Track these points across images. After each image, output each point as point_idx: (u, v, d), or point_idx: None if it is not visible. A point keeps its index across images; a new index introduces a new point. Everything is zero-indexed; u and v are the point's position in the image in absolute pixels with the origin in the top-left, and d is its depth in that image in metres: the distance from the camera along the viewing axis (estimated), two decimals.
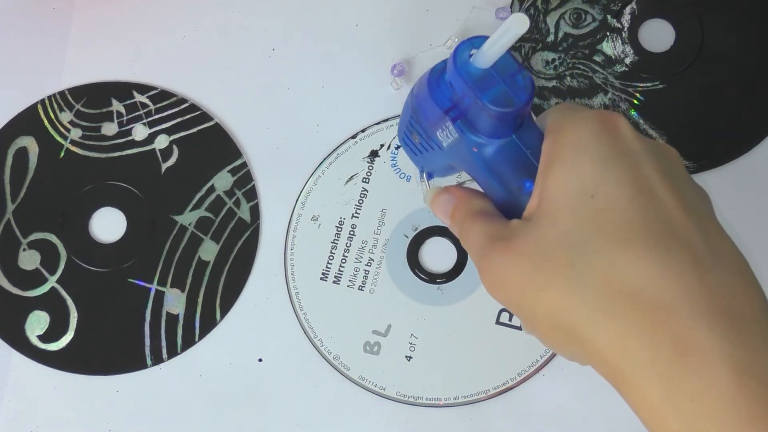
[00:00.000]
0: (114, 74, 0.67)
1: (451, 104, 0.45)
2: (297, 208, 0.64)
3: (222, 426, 0.61)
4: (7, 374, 0.62)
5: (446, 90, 0.45)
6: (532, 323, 0.43)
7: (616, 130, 0.42)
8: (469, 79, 0.43)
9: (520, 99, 0.43)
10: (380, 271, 0.63)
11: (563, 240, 0.40)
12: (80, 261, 0.63)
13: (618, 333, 0.39)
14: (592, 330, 0.39)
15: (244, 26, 0.68)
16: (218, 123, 0.66)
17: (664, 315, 0.38)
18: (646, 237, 0.39)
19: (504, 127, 0.45)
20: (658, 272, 0.38)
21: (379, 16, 0.68)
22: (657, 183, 0.41)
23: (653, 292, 0.38)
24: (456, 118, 0.45)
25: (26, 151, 0.65)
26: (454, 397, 0.60)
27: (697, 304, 0.38)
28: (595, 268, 0.39)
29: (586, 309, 0.39)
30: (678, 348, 0.37)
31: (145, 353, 0.62)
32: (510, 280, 0.42)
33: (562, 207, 0.41)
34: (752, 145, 0.65)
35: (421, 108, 0.47)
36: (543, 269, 0.41)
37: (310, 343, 0.62)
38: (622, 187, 0.40)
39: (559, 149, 0.42)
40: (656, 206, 0.40)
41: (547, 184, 0.42)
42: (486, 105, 0.43)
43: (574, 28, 0.67)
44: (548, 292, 0.40)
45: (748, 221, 0.64)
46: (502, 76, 0.43)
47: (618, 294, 0.39)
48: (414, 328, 0.62)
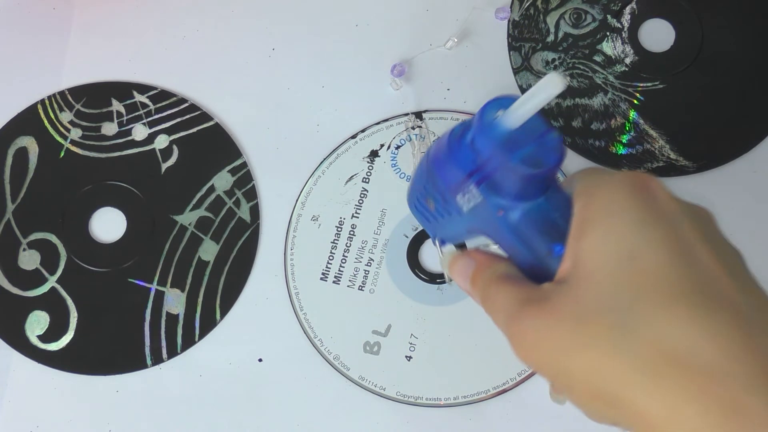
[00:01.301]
0: (114, 74, 0.67)
1: (475, 167, 0.44)
2: (297, 208, 0.64)
3: (222, 426, 0.61)
4: (7, 374, 0.62)
5: (468, 152, 0.44)
6: (570, 389, 0.41)
7: (651, 192, 0.41)
8: (496, 139, 0.42)
9: (551, 160, 0.42)
10: (380, 271, 0.63)
11: (604, 303, 0.39)
12: (80, 261, 0.63)
13: (666, 398, 0.37)
14: (638, 395, 0.38)
15: (244, 26, 0.68)
16: (218, 123, 0.66)
17: (714, 380, 0.37)
18: (691, 299, 0.38)
19: (532, 189, 0.43)
20: (705, 336, 0.37)
21: (379, 16, 0.68)
22: (696, 244, 0.40)
23: (701, 357, 0.37)
24: (481, 180, 0.44)
25: (26, 151, 0.65)
26: (454, 397, 0.60)
27: (746, 369, 0.37)
28: (639, 331, 0.38)
29: (632, 373, 0.38)
30: (728, 414, 0.36)
31: (145, 353, 0.62)
32: (545, 344, 0.40)
33: (600, 269, 0.40)
34: (752, 145, 0.65)
35: (440, 171, 0.46)
36: (583, 332, 0.39)
37: (310, 343, 0.62)
38: (662, 249, 0.39)
39: (593, 212, 0.41)
40: (698, 268, 0.39)
41: (582, 248, 0.41)
42: (516, 166, 0.41)
43: (574, 28, 0.67)
44: (589, 355, 0.39)
45: (748, 221, 0.64)
46: (531, 136, 0.42)
47: (665, 358, 0.37)
48: (414, 328, 0.62)
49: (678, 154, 0.65)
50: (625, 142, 0.65)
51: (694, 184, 0.65)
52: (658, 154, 0.65)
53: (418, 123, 0.65)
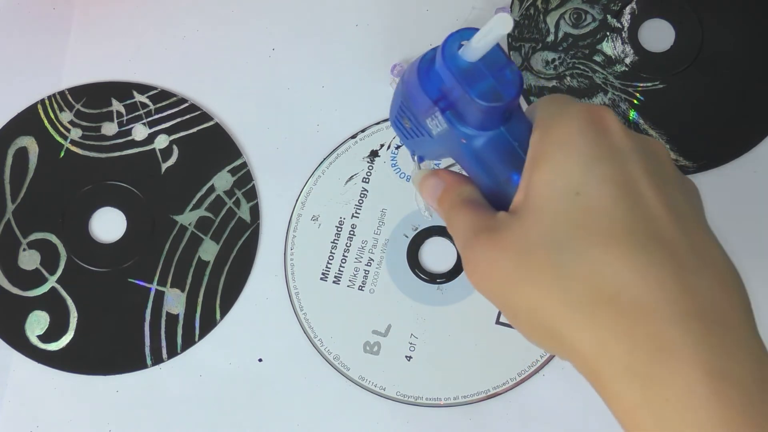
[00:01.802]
0: (114, 74, 0.67)
1: (440, 94, 0.45)
2: (297, 208, 0.64)
3: (222, 426, 0.61)
4: (7, 374, 0.62)
5: (436, 80, 0.45)
6: (514, 318, 0.43)
7: (605, 126, 0.42)
8: (457, 72, 0.43)
9: (508, 94, 0.43)
10: (380, 271, 0.63)
11: (546, 238, 0.40)
12: (80, 261, 0.63)
13: (597, 334, 0.39)
14: (572, 330, 0.39)
15: (244, 26, 0.68)
16: (218, 123, 0.66)
17: (643, 317, 0.38)
18: (629, 239, 0.39)
19: (492, 119, 0.45)
20: (638, 274, 0.38)
21: (379, 16, 0.68)
22: (643, 183, 0.40)
23: (633, 295, 0.38)
24: (445, 108, 0.45)
25: (26, 151, 0.65)
26: (454, 397, 0.60)
27: (676, 308, 0.38)
28: (576, 268, 0.39)
29: (566, 309, 0.39)
30: (655, 351, 0.37)
31: (145, 353, 0.62)
32: (493, 274, 0.42)
33: (546, 204, 0.41)
34: (752, 145, 0.65)
35: (411, 95, 0.47)
36: (525, 266, 0.41)
37: (310, 343, 0.62)
38: (608, 187, 0.40)
39: (547, 145, 0.42)
40: (641, 207, 0.40)
41: (533, 180, 0.42)
42: (474, 99, 0.43)
43: (574, 28, 0.67)
44: (529, 289, 0.40)
45: (748, 221, 0.64)
46: (491, 69, 0.43)
47: (598, 295, 0.39)
48: (414, 328, 0.62)
49: (678, 154, 0.65)
50: None
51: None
52: None
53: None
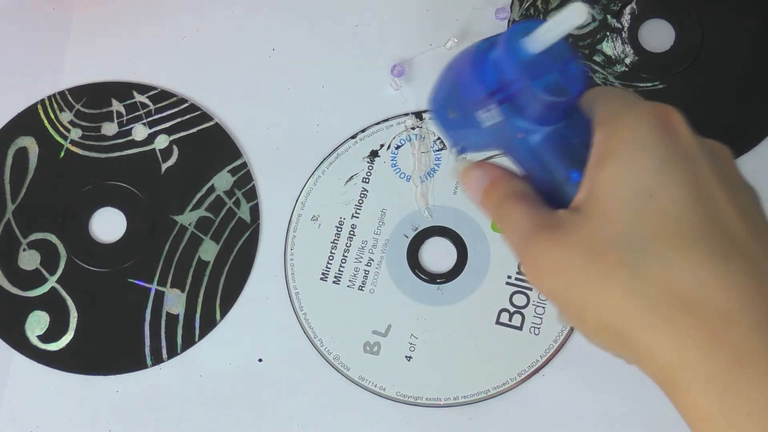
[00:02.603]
0: (114, 74, 0.67)
1: (498, 86, 0.43)
2: (297, 208, 0.64)
3: (222, 426, 0.61)
4: (7, 374, 0.62)
5: (493, 71, 0.43)
6: (578, 319, 0.41)
7: (674, 128, 0.41)
8: (520, 63, 0.41)
9: (574, 89, 0.41)
10: (380, 271, 0.63)
11: (621, 238, 0.39)
12: (80, 261, 0.63)
13: (676, 341, 0.37)
14: (648, 334, 0.38)
15: (244, 26, 0.68)
16: (218, 123, 0.66)
17: (725, 326, 0.37)
18: (708, 245, 0.38)
19: (554, 115, 0.43)
20: (719, 282, 0.37)
21: (379, 16, 0.68)
22: (715, 188, 0.39)
23: (714, 302, 0.37)
24: (503, 101, 0.43)
25: (26, 151, 0.65)
26: (454, 397, 0.60)
27: (758, 317, 0.37)
28: (653, 271, 0.38)
29: (643, 312, 0.38)
30: (737, 361, 0.37)
31: (145, 353, 0.62)
32: (558, 272, 0.40)
33: (618, 204, 0.40)
34: (752, 145, 0.65)
35: (462, 85, 0.45)
36: (596, 265, 0.39)
37: (310, 343, 0.62)
38: (682, 190, 0.39)
39: (615, 144, 0.41)
40: (716, 213, 0.39)
41: (600, 179, 0.40)
42: (537, 93, 0.41)
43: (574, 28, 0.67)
44: (601, 289, 0.39)
45: None
46: (556, 63, 0.41)
47: (677, 300, 0.38)
48: (414, 328, 0.62)
49: None
50: None
51: None
52: None
53: (417, 123, 0.65)
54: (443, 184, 0.64)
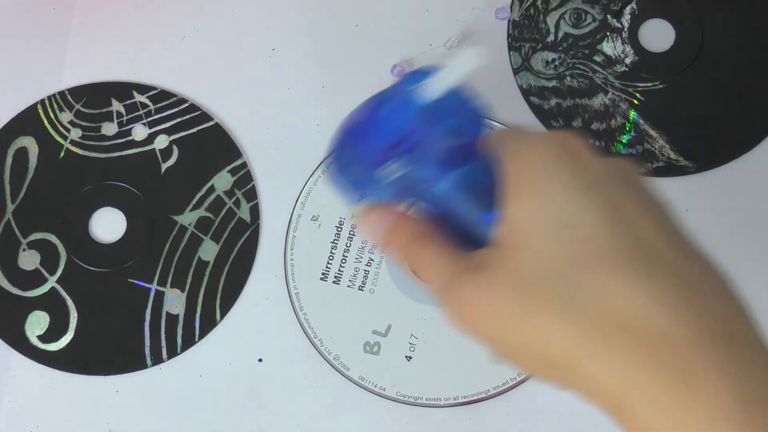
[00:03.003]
0: (114, 74, 0.67)
1: (396, 139, 0.43)
2: (297, 208, 0.64)
3: (222, 426, 0.61)
4: (7, 374, 0.62)
5: (388, 124, 0.43)
6: (518, 357, 0.41)
7: (578, 154, 0.41)
8: (418, 112, 0.42)
9: (472, 130, 0.42)
10: (380, 271, 0.63)
11: (547, 272, 0.39)
12: (80, 261, 0.63)
13: (617, 367, 0.38)
14: (590, 364, 0.38)
15: (244, 26, 0.68)
16: (218, 123, 0.66)
17: (663, 345, 0.37)
18: (634, 265, 0.38)
19: (456, 159, 0.43)
20: (651, 301, 0.37)
21: (379, 16, 0.68)
22: (629, 207, 0.40)
23: (649, 323, 0.37)
24: (404, 152, 0.43)
25: (26, 151, 0.65)
26: (454, 397, 0.60)
27: (692, 333, 0.37)
28: (586, 300, 0.38)
29: (583, 342, 0.38)
30: (679, 379, 0.37)
31: (145, 353, 0.62)
32: (489, 315, 0.40)
33: (536, 238, 0.40)
34: (752, 145, 0.65)
35: (358, 145, 0.45)
36: (529, 302, 0.39)
37: (310, 343, 0.62)
38: (599, 215, 0.39)
39: (524, 179, 0.41)
40: (636, 232, 0.39)
41: (516, 215, 0.41)
42: (439, 138, 0.42)
43: (574, 28, 0.67)
44: (538, 325, 0.39)
45: (748, 221, 0.64)
46: (452, 107, 0.42)
47: (614, 325, 0.38)
48: (414, 328, 0.62)
49: (678, 154, 0.65)
50: (625, 142, 0.65)
51: (694, 184, 0.65)
52: (658, 154, 0.65)
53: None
54: None
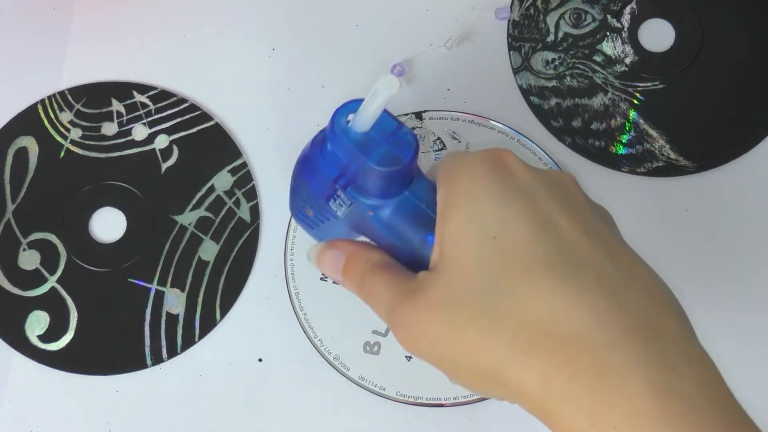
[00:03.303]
0: (114, 74, 0.67)
1: (339, 172, 0.45)
2: None
3: (222, 426, 0.61)
4: (7, 374, 0.62)
5: (331, 158, 0.45)
6: (456, 373, 0.42)
7: (507, 168, 0.42)
8: (351, 144, 0.43)
9: (406, 155, 0.43)
10: None
11: (472, 286, 0.40)
12: (80, 261, 0.63)
13: (540, 370, 0.39)
14: (515, 371, 0.39)
15: (244, 26, 0.68)
16: (218, 123, 0.66)
17: (581, 347, 0.38)
18: (553, 270, 0.39)
19: (395, 185, 0.45)
20: (569, 304, 0.38)
21: (379, 16, 0.68)
22: (556, 214, 0.41)
23: (567, 325, 0.38)
24: (346, 185, 0.45)
25: (26, 151, 0.65)
26: (454, 397, 0.60)
27: (612, 330, 0.38)
28: (508, 309, 0.39)
29: (505, 350, 0.39)
30: (597, 378, 0.37)
31: (145, 353, 0.62)
32: (425, 334, 0.42)
33: (465, 253, 0.41)
34: (752, 145, 0.65)
35: (308, 181, 0.47)
36: (457, 318, 0.40)
37: (310, 343, 0.62)
38: (522, 224, 0.40)
39: (454, 196, 0.42)
40: (559, 238, 0.40)
41: (446, 234, 0.42)
42: (372, 168, 0.43)
43: (574, 28, 0.67)
44: (465, 340, 0.40)
45: (748, 221, 0.64)
46: (384, 135, 0.43)
47: (534, 331, 0.39)
48: None
49: (678, 154, 0.65)
50: (625, 142, 0.65)
51: (694, 184, 0.65)
52: (658, 154, 0.65)
53: (417, 123, 0.65)
54: None
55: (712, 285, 0.62)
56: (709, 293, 0.62)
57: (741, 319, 0.62)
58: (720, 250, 0.63)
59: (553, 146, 0.65)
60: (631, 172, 0.64)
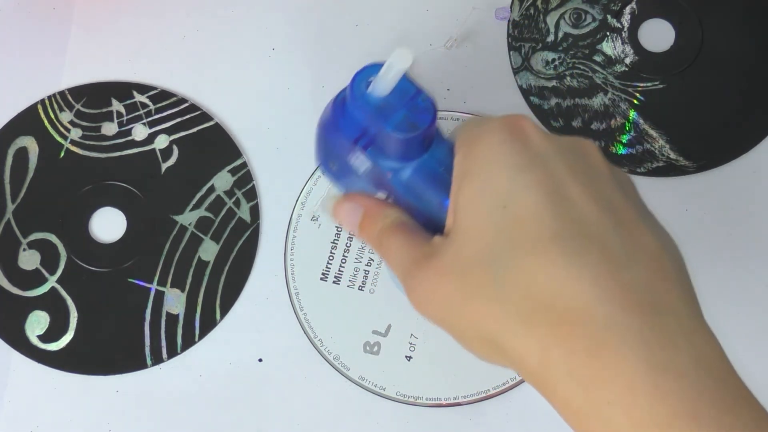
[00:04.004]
0: (114, 74, 0.67)
1: (359, 133, 0.45)
2: (297, 208, 0.64)
3: (222, 426, 0.61)
4: (7, 374, 0.62)
5: (351, 120, 0.45)
6: (463, 339, 0.43)
7: (524, 134, 0.42)
8: (369, 108, 0.44)
9: (423, 121, 0.43)
10: (380, 271, 0.62)
11: (481, 254, 0.40)
12: (80, 261, 0.63)
13: (538, 342, 0.39)
14: (514, 341, 0.39)
15: (244, 26, 0.68)
16: (218, 123, 0.66)
17: (580, 319, 0.38)
18: (558, 242, 0.39)
19: (414, 149, 0.45)
20: (571, 277, 0.38)
21: (379, 16, 0.68)
22: (569, 183, 0.40)
23: (568, 299, 0.38)
24: (366, 146, 0.45)
25: (26, 151, 0.65)
26: (454, 397, 0.60)
27: (612, 305, 0.38)
28: (512, 279, 0.39)
29: (507, 320, 0.39)
30: (594, 353, 0.37)
31: (145, 353, 0.62)
32: (437, 299, 0.42)
33: (476, 221, 0.41)
34: (752, 145, 0.65)
35: (331, 138, 0.47)
36: (465, 285, 0.41)
37: (310, 343, 0.62)
38: (533, 194, 0.40)
39: (469, 163, 0.42)
40: (568, 209, 0.40)
41: (460, 200, 0.42)
42: (390, 133, 0.43)
43: (574, 28, 0.67)
44: (471, 307, 0.40)
45: (748, 221, 0.64)
46: (402, 101, 0.44)
47: (535, 303, 0.39)
48: (414, 328, 0.62)
49: (678, 154, 0.65)
50: (625, 142, 0.65)
51: (694, 184, 0.65)
52: (658, 154, 0.65)
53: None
54: None
55: (712, 285, 0.62)
56: (709, 293, 0.62)
57: (741, 318, 0.62)
58: (720, 251, 0.63)
59: None
60: (631, 172, 0.64)
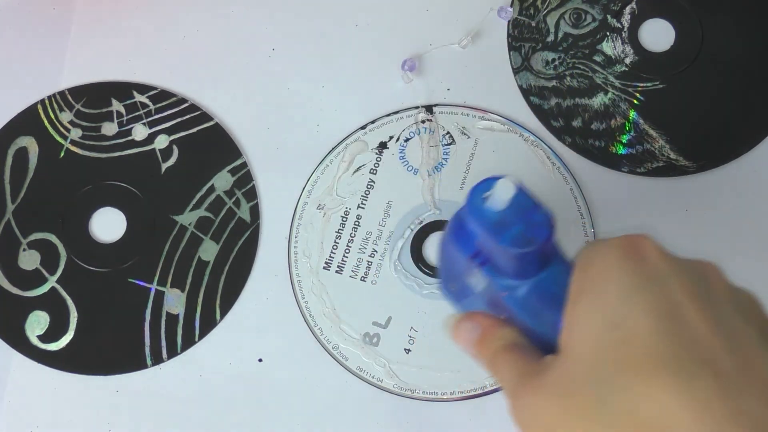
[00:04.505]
0: (114, 74, 0.67)
1: (476, 250, 0.45)
2: (303, 196, 0.64)
3: (222, 426, 0.60)
4: (7, 374, 0.61)
5: (469, 236, 0.44)
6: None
7: (641, 254, 0.41)
8: (485, 223, 0.42)
9: (540, 236, 0.42)
10: (383, 263, 0.62)
11: (588, 374, 0.39)
12: (80, 261, 0.63)
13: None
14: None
15: (244, 26, 0.68)
16: (218, 123, 0.66)
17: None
18: (670, 366, 0.37)
19: (530, 266, 0.44)
20: (680, 404, 0.37)
21: (379, 16, 0.68)
22: (686, 306, 0.39)
23: (677, 426, 0.36)
24: (482, 263, 0.45)
25: (26, 151, 0.65)
26: (451, 392, 0.60)
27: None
28: (619, 404, 0.38)
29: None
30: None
31: (145, 353, 0.61)
32: (540, 419, 0.41)
33: (585, 340, 0.40)
34: (752, 145, 0.65)
35: (449, 256, 0.47)
36: (570, 407, 0.39)
37: (310, 331, 0.61)
38: (647, 316, 0.39)
39: (584, 281, 0.41)
40: (683, 332, 0.38)
41: (572, 318, 0.41)
42: (505, 248, 0.42)
43: (574, 28, 0.67)
44: (578, 429, 0.39)
45: (748, 221, 0.64)
46: (519, 215, 0.42)
47: (641, 429, 0.37)
48: (414, 321, 0.62)
49: (678, 154, 0.65)
50: (625, 142, 0.65)
51: (694, 184, 0.65)
52: (658, 154, 0.65)
53: (428, 116, 0.65)
54: (450, 179, 0.64)
55: None
56: None
57: None
58: (720, 251, 0.63)
59: (554, 146, 0.65)
60: (631, 172, 0.64)
